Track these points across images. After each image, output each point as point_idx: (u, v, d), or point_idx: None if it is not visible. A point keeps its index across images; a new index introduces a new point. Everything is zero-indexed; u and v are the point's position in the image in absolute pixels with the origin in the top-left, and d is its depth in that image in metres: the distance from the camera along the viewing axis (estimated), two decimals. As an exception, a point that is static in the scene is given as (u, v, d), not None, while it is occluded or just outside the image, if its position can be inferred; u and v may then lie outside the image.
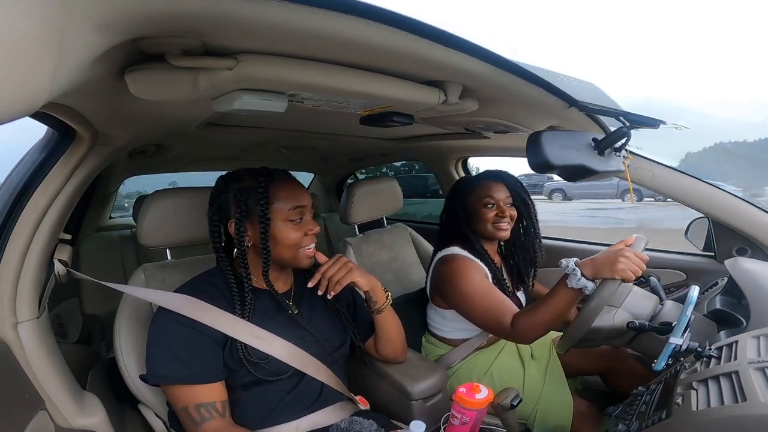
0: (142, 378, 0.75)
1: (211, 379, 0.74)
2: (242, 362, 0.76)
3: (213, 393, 0.74)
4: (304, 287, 0.91)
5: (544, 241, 1.70)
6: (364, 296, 0.92)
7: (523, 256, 1.22)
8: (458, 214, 1.17)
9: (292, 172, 0.86)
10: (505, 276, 1.19)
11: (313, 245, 0.84)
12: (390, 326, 0.96)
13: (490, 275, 1.11)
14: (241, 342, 0.76)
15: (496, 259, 1.20)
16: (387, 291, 0.94)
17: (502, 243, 1.24)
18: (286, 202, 0.80)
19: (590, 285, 0.83)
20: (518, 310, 0.97)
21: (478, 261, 1.11)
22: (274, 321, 0.81)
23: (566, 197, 12.05)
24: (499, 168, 1.23)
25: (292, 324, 0.84)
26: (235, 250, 0.81)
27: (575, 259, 0.85)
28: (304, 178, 2.72)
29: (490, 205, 1.13)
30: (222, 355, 0.76)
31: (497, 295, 1.02)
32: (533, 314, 0.90)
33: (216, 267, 0.87)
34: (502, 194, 1.14)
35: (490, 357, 1.15)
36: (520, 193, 1.18)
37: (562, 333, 1.20)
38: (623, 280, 0.80)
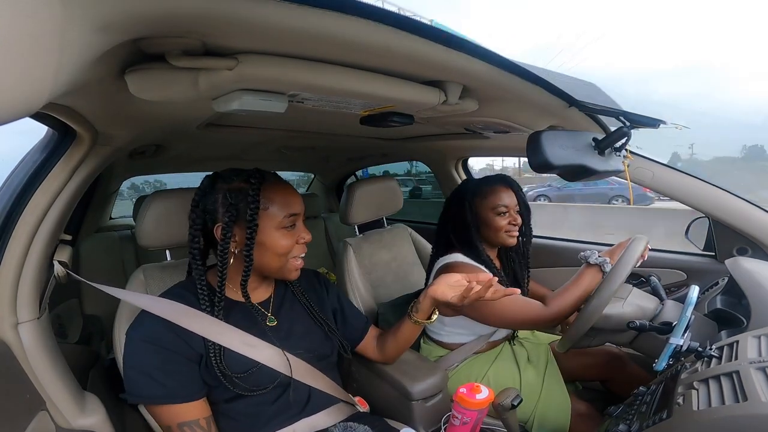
0: (122, 397, 0.73)
1: (191, 398, 0.72)
2: (219, 378, 0.73)
3: (195, 411, 0.71)
4: (284, 297, 0.88)
5: (542, 241, 1.72)
6: (420, 305, 0.88)
7: (519, 260, 1.22)
8: (466, 220, 1.14)
9: (291, 173, 0.86)
10: (505, 279, 1.19)
11: (302, 255, 0.81)
12: (412, 336, 0.95)
13: None
14: (215, 357, 0.72)
15: (497, 264, 1.20)
16: (436, 311, 0.90)
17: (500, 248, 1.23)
18: (280, 209, 0.76)
19: (607, 260, 0.99)
20: (535, 300, 1.00)
21: (482, 267, 1.11)
22: (251, 333, 0.77)
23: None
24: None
25: (270, 336, 0.80)
26: (215, 256, 0.76)
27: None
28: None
29: (503, 213, 1.12)
30: (199, 372, 0.73)
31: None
32: (565, 292, 0.99)
33: (187, 279, 0.83)
34: (512, 201, 1.13)
35: (487, 361, 1.15)
36: (523, 199, 1.17)
37: (561, 336, 1.21)
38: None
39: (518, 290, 0.79)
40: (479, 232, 1.14)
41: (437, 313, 0.90)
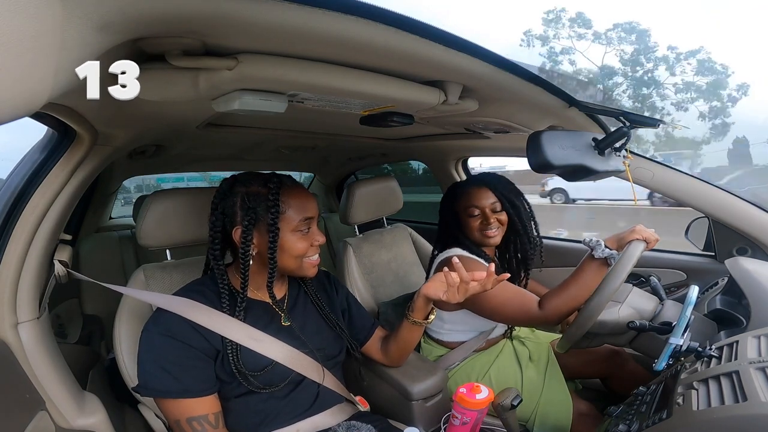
0: (134, 390, 0.74)
1: (203, 393, 0.73)
2: (234, 375, 0.74)
3: (205, 406, 0.72)
4: (297, 296, 0.90)
5: (542, 241, 1.70)
6: (415, 304, 0.88)
7: (516, 258, 1.22)
8: (449, 222, 1.17)
9: (291, 173, 0.86)
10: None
11: (317, 255, 0.83)
12: (413, 338, 0.94)
13: None
14: (233, 355, 0.74)
15: (495, 261, 1.20)
16: (433, 310, 0.90)
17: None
18: (297, 213, 0.78)
19: (614, 253, 0.91)
20: (536, 296, 0.97)
21: (481, 260, 1.11)
22: (266, 331, 0.79)
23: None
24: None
25: (284, 334, 0.81)
26: (236, 258, 0.80)
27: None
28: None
29: (474, 214, 1.12)
30: (214, 368, 0.74)
31: (513, 286, 1.02)
32: (562, 291, 0.94)
33: (205, 276, 0.85)
34: (487, 201, 1.12)
35: (488, 360, 1.15)
36: (507, 196, 1.15)
37: (561, 335, 1.20)
38: (646, 242, 0.90)
39: (507, 275, 0.80)
40: (462, 231, 1.15)
41: (434, 313, 0.90)
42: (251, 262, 0.78)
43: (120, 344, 0.85)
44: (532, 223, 1.19)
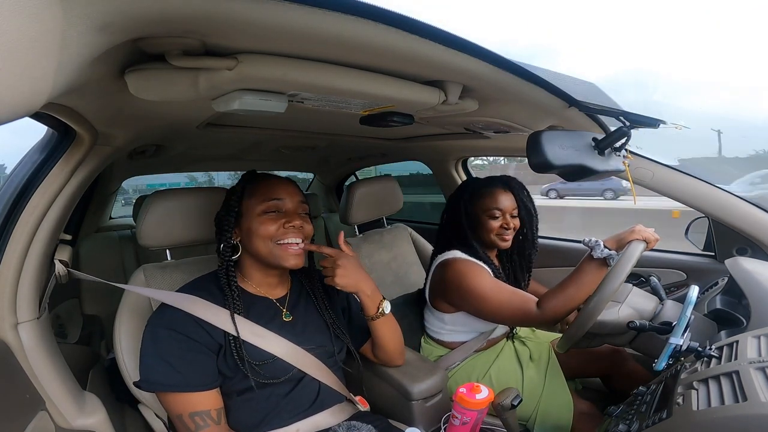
0: (136, 384, 0.75)
1: (205, 387, 0.73)
2: (237, 366, 0.75)
3: (208, 401, 0.73)
4: (300, 294, 0.91)
5: (542, 241, 1.71)
6: (362, 304, 0.91)
7: (520, 261, 1.22)
8: (461, 219, 1.15)
9: (291, 173, 0.87)
10: (503, 278, 1.19)
11: (295, 241, 0.80)
12: (383, 334, 0.93)
13: (491, 275, 1.11)
14: (235, 346, 0.75)
15: (496, 263, 1.20)
16: (382, 302, 0.91)
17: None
18: (259, 196, 0.81)
19: (614, 254, 0.91)
20: (534, 297, 0.97)
21: (480, 263, 1.11)
22: (269, 327, 0.80)
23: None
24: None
25: (286, 330, 0.83)
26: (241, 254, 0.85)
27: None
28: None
29: (496, 217, 1.12)
30: (216, 362, 0.75)
31: (510, 287, 1.02)
32: (560, 291, 0.94)
33: (211, 272, 0.87)
34: (509, 204, 1.13)
35: (489, 360, 1.15)
36: (525, 203, 1.16)
37: (561, 335, 1.20)
38: (646, 242, 0.91)
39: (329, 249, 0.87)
40: (474, 232, 1.15)
41: (384, 302, 0.91)
42: (243, 257, 0.83)
43: (120, 343, 0.85)
44: (537, 228, 1.20)
